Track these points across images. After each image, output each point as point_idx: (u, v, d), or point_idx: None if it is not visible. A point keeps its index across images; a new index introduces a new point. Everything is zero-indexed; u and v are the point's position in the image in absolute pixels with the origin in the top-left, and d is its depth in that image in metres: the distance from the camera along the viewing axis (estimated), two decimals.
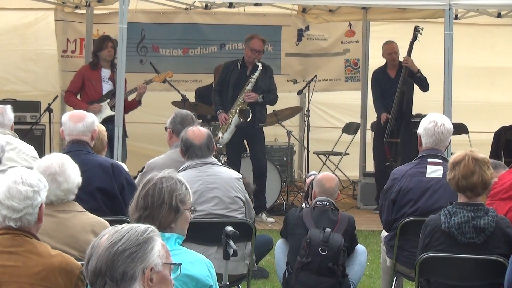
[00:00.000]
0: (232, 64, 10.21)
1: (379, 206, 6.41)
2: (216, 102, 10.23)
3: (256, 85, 9.99)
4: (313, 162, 11.91)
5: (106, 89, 10.21)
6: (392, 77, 10.90)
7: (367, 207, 11.01)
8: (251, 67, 10.07)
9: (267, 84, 10.09)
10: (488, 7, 10.53)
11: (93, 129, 5.97)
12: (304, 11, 12.36)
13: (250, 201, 6.12)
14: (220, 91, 10.19)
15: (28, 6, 11.95)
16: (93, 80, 10.20)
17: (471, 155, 5.09)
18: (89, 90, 10.22)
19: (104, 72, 10.26)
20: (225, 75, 10.16)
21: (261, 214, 10.06)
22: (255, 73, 9.96)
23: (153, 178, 3.82)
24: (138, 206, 3.76)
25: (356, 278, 6.26)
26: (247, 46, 10.05)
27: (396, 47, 10.91)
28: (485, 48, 13.10)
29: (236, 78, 10.08)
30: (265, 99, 10.09)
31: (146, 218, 3.71)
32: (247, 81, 10.02)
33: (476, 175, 5.05)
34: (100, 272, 2.71)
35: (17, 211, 3.74)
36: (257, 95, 9.98)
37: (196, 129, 6.00)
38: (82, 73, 10.39)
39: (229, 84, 10.09)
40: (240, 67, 10.11)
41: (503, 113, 12.87)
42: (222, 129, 10.08)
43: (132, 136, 11.11)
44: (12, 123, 6.80)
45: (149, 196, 3.76)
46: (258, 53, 10.00)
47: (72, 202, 4.61)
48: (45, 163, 4.60)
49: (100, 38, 10.65)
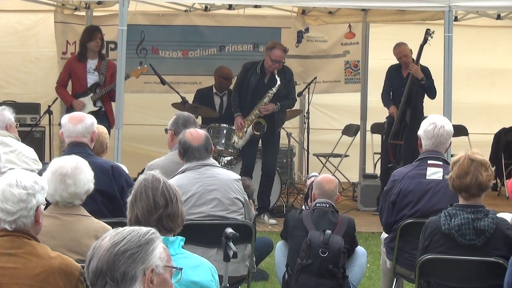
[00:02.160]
0: (252, 67, 10.19)
1: (379, 207, 6.41)
2: (235, 103, 10.27)
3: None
4: (313, 164, 11.91)
5: (92, 81, 10.23)
6: (404, 77, 10.81)
7: (367, 209, 11.00)
8: (269, 75, 10.08)
9: (286, 89, 10.12)
10: (488, 9, 10.53)
11: (92, 130, 5.97)
12: (304, 13, 12.35)
13: (249, 202, 6.12)
14: (240, 92, 10.21)
15: (28, 8, 11.94)
16: (77, 73, 10.22)
17: (469, 155, 5.08)
18: (74, 82, 10.29)
19: (90, 63, 10.26)
20: (244, 77, 10.17)
21: (263, 215, 10.06)
22: (273, 89, 9.98)
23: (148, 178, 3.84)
24: (155, 206, 3.76)
25: (356, 280, 6.27)
26: (268, 55, 10.01)
27: (405, 49, 10.75)
28: (485, 49, 13.10)
29: (255, 83, 10.08)
30: (281, 107, 10.15)
31: (168, 217, 3.73)
32: (264, 88, 10.04)
33: (470, 175, 5.03)
34: (101, 272, 2.71)
35: (11, 213, 3.74)
36: (274, 105, 10.02)
37: (194, 131, 5.99)
38: (68, 65, 10.46)
39: (247, 89, 10.11)
40: (260, 72, 10.11)
41: (503, 115, 12.88)
42: (237, 134, 10.13)
43: (132, 137, 11.12)
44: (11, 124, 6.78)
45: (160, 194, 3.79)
46: (279, 63, 10.01)
47: (78, 206, 4.62)
48: (59, 163, 4.62)
49: (89, 29, 10.60)
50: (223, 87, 11.28)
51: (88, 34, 10.33)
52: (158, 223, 3.71)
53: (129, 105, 10.62)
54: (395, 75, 10.94)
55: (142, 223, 3.66)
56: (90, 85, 10.21)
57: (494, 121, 12.85)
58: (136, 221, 3.71)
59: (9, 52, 12.21)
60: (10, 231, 3.75)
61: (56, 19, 11.94)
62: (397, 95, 10.75)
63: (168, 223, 3.75)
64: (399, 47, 10.88)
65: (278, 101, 10.06)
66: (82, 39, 10.41)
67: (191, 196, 5.81)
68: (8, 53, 12.19)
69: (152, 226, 3.67)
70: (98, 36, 10.28)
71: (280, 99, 10.08)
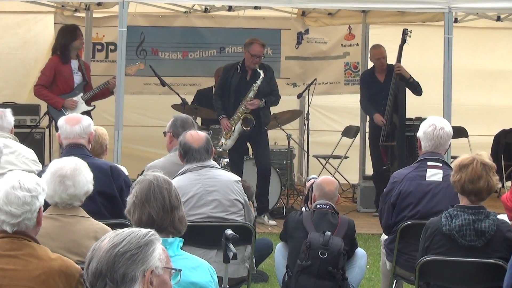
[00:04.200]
0: (232, 68, 10.20)
1: (379, 209, 6.40)
2: (218, 107, 10.22)
3: (257, 90, 10.00)
4: (313, 165, 11.91)
5: (78, 81, 10.04)
6: (381, 81, 10.86)
7: (367, 210, 11.00)
8: (251, 72, 10.06)
9: (269, 86, 10.10)
10: (488, 10, 10.54)
11: (89, 131, 5.95)
12: (304, 15, 12.36)
13: (249, 203, 6.12)
14: (222, 95, 10.19)
15: (28, 10, 11.95)
16: (65, 74, 9.95)
17: (480, 159, 5.08)
18: (60, 84, 9.97)
19: (73, 63, 10.03)
20: (225, 79, 10.16)
21: (263, 216, 10.06)
22: (257, 82, 9.96)
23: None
24: (171, 207, 3.77)
25: (356, 281, 6.26)
26: (247, 51, 10.03)
27: (384, 51, 10.84)
28: (485, 51, 13.11)
29: (237, 83, 10.07)
30: (267, 102, 10.10)
31: (179, 219, 3.77)
32: (247, 86, 10.01)
33: (483, 180, 5.05)
34: (101, 274, 2.71)
35: (16, 216, 3.73)
36: (259, 101, 9.99)
37: (195, 132, 6.00)
38: (53, 67, 10.00)
39: (230, 89, 10.09)
40: (240, 71, 10.10)
41: (503, 116, 12.87)
42: (225, 135, 10.10)
43: (131, 139, 11.11)
44: (12, 127, 6.80)
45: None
46: (259, 58, 10.02)
47: (77, 208, 4.62)
48: (59, 165, 4.62)
49: (70, 28, 10.20)
50: None
51: (71, 33, 9.99)
52: (171, 224, 3.72)
53: (128, 107, 10.63)
54: (371, 81, 10.96)
55: (155, 224, 3.66)
56: (77, 85, 10.06)
57: (494, 123, 12.84)
58: (148, 221, 3.70)
59: (9, 54, 12.21)
60: (10, 233, 3.74)
61: (56, 20, 11.93)
62: (377, 99, 10.77)
63: (178, 225, 3.77)
64: (379, 48, 10.89)
65: (263, 98, 10.06)
66: (64, 40, 10.00)
67: (191, 197, 5.82)
68: (8, 54, 12.20)
69: (165, 227, 3.70)
70: (80, 33, 10.05)
71: (264, 96, 10.07)
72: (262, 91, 10.02)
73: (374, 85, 10.89)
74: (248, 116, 9.99)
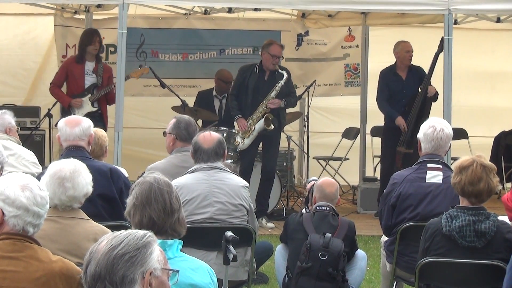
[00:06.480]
0: (248, 69, 10.23)
1: (379, 211, 6.40)
2: (233, 107, 10.26)
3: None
4: (313, 167, 11.91)
5: (89, 82, 10.26)
6: (403, 78, 10.63)
7: (367, 212, 10.99)
8: (269, 73, 10.11)
9: (287, 87, 10.13)
10: (488, 12, 10.52)
11: (89, 133, 5.95)
12: (304, 16, 12.36)
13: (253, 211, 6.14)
14: (238, 96, 10.21)
15: (27, 12, 11.95)
16: (75, 74, 10.23)
17: (480, 161, 5.09)
18: (72, 84, 10.29)
19: (88, 65, 10.29)
20: (242, 80, 10.18)
21: (261, 219, 10.05)
22: (280, 82, 10.01)
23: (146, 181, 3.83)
24: (172, 209, 3.77)
25: (356, 283, 6.26)
26: (266, 52, 10.07)
27: (410, 45, 10.63)
28: (485, 52, 13.11)
29: (255, 83, 10.10)
30: (287, 103, 10.18)
31: (178, 221, 3.77)
32: (265, 86, 10.06)
33: (483, 182, 5.05)
34: (100, 276, 2.71)
35: (40, 217, 3.72)
36: (280, 100, 10.04)
37: (208, 133, 6.01)
38: (66, 66, 10.45)
39: (248, 89, 10.11)
40: (258, 71, 10.13)
41: (503, 118, 12.87)
42: (244, 134, 10.12)
43: (131, 141, 11.11)
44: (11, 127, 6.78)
45: None
46: (278, 58, 10.12)
47: (77, 210, 4.61)
48: (58, 167, 4.61)
49: (88, 32, 10.60)
50: (222, 90, 11.28)
51: (87, 37, 10.36)
52: (171, 226, 3.72)
53: (128, 108, 10.64)
54: (392, 77, 10.68)
55: (155, 226, 3.66)
56: (88, 86, 10.22)
57: (494, 124, 12.84)
58: (149, 224, 3.70)
59: (9, 55, 12.22)
60: (12, 234, 3.73)
61: (56, 22, 11.95)
62: (398, 99, 10.56)
63: (178, 227, 3.77)
64: (405, 42, 10.67)
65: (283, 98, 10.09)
66: (81, 42, 10.43)
67: (196, 196, 5.82)
68: (8, 56, 12.20)
69: (165, 229, 3.69)
70: (97, 39, 10.33)
71: (284, 97, 10.10)
72: (281, 92, 10.07)
73: (396, 82, 10.64)
74: (269, 116, 10.03)
